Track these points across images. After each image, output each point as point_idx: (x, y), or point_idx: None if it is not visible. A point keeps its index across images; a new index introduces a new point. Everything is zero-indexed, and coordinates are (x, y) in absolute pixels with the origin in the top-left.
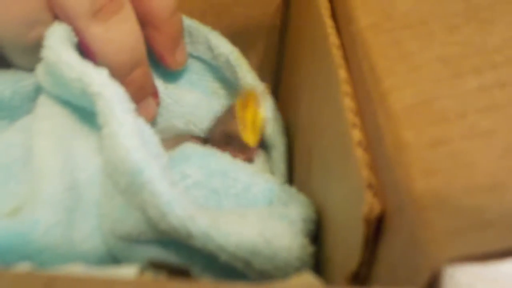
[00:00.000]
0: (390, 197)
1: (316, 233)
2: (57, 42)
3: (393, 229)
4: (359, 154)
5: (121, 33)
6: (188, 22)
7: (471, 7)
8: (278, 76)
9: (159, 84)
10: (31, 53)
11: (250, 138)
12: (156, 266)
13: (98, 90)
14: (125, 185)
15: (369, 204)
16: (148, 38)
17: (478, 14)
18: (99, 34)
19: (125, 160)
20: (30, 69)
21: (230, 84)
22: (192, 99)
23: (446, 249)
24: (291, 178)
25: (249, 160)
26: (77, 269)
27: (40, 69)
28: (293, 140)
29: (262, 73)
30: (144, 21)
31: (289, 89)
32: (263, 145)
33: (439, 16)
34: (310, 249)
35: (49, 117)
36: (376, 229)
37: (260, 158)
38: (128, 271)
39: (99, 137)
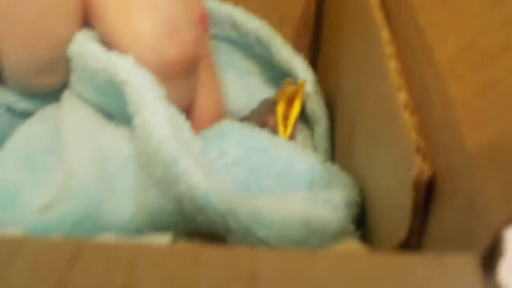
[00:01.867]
0: (440, 160)
1: (361, 215)
2: (84, 37)
3: (445, 194)
4: (406, 116)
5: (177, 100)
6: (207, 3)
7: None
8: (316, 45)
9: None
10: (31, 90)
11: (284, 133)
12: (190, 234)
13: (125, 77)
14: (160, 176)
15: (419, 167)
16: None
17: None
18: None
19: (158, 151)
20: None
21: (263, 60)
22: (229, 89)
23: (506, 210)
24: (333, 151)
25: (291, 137)
26: (109, 237)
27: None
28: (334, 112)
29: (299, 43)
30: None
31: (328, 57)
32: (306, 119)
33: None
34: (356, 234)
35: (75, 109)
36: (426, 195)
37: (302, 133)
38: (161, 239)
39: (127, 127)
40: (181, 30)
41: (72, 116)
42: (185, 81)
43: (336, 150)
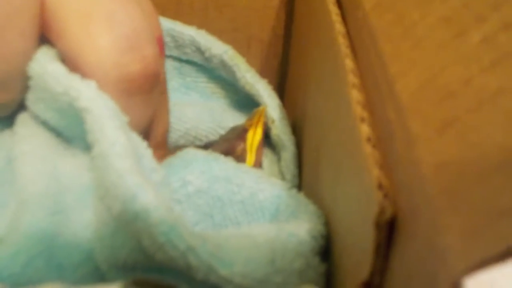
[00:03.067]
0: (402, 199)
1: (327, 245)
2: (45, 56)
3: (407, 234)
4: (368, 151)
5: (139, 116)
6: (170, 25)
7: None
8: (284, 70)
9: None
10: None
11: (250, 160)
12: (141, 283)
13: (86, 105)
14: (118, 211)
15: (380, 206)
16: None
17: None
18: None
19: (117, 185)
20: None
21: (228, 83)
22: (194, 113)
23: (466, 257)
24: (300, 176)
25: (256, 163)
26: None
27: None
28: (300, 138)
29: (267, 67)
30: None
31: (295, 83)
32: (271, 145)
33: None
34: (322, 268)
35: (30, 137)
36: (389, 234)
37: (268, 159)
38: None
39: (86, 156)
40: (142, 45)
41: (27, 144)
42: (147, 95)
43: (303, 176)
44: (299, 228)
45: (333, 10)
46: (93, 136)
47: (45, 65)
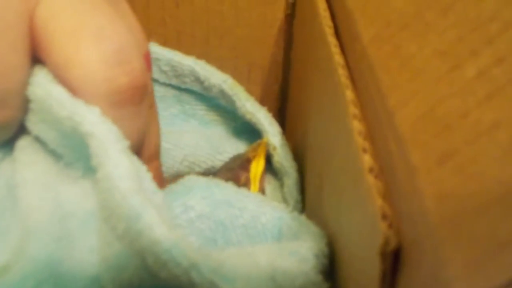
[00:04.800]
0: (406, 229)
1: (331, 266)
2: (46, 79)
3: (411, 263)
4: (371, 181)
5: (130, 127)
6: (170, 55)
7: None
8: (284, 95)
9: None
10: None
11: (254, 190)
12: None
13: (90, 129)
14: (122, 231)
15: (385, 236)
16: None
17: None
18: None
19: (121, 205)
20: None
21: (227, 110)
22: (191, 139)
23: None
24: (302, 202)
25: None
26: None
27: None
28: (302, 163)
29: (268, 92)
30: None
31: (296, 109)
32: (274, 171)
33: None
34: (324, 286)
35: (31, 164)
36: (394, 262)
37: (271, 185)
38: None
39: (87, 181)
40: (129, 59)
41: (28, 171)
42: (137, 107)
43: (306, 201)
44: (300, 247)
45: (332, 41)
46: (97, 159)
47: (49, 88)
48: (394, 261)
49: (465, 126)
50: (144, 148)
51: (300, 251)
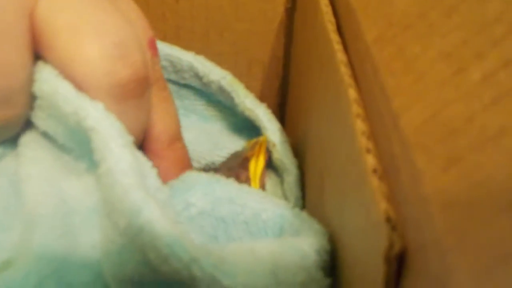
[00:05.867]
0: (410, 233)
1: (332, 263)
2: (52, 75)
3: (416, 269)
4: (375, 183)
5: (133, 120)
6: (169, 50)
7: None
8: (285, 90)
9: None
10: None
11: (255, 187)
12: None
13: (93, 124)
14: (124, 226)
15: (389, 240)
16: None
17: None
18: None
19: (122, 200)
20: None
21: (227, 105)
22: (191, 135)
23: None
24: (303, 199)
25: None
26: None
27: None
28: (303, 160)
29: (268, 88)
30: (145, 149)
31: (296, 105)
32: (274, 168)
33: (435, 0)
34: (325, 282)
35: (35, 160)
36: (398, 267)
37: (271, 181)
38: None
39: (92, 176)
40: (130, 52)
41: (33, 166)
42: (138, 100)
43: (307, 198)
44: (302, 243)
45: (334, 38)
46: (99, 154)
47: (55, 85)
48: (398, 265)
49: (470, 131)
50: (163, 132)
51: (302, 247)
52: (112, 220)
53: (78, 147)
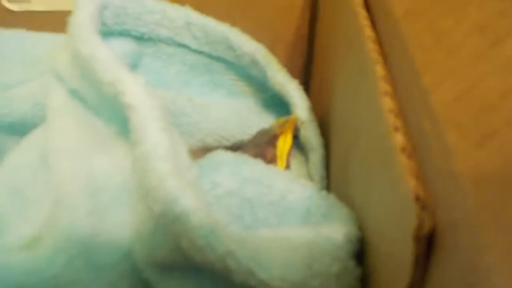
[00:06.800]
0: (440, 212)
1: (360, 249)
2: (90, 33)
3: (446, 249)
4: (404, 161)
5: None
6: (203, 21)
7: None
8: (309, 69)
9: (183, 99)
10: None
11: (281, 166)
12: None
13: (133, 102)
14: (159, 212)
15: (419, 219)
16: None
17: None
18: None
19: (158, 187)
20: None
21: (257, 81)
22: (221, 113)
23: (509, 276)
24: (327, 178)
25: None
26: None
27: (64, 60)
28: (327, 139)
29: (291, 66)
30: None
31: (320, 84)
32: (299, 145)
33: None
34: (357, 271)
35: (64, 131)
36: (428, 247)
37: (296, 159)
38: None
39: (122, 146)
40: None
41: (62, 139)
42: None
43: (331, 177)
44: (335, 232)
45: (361, 13)
46: (136, 136)
47: (94, 49)
48: (427, 245)
49: (506, 105)
50: None
51: (335, 237)
52: (146, 204)
53: (110, 111)
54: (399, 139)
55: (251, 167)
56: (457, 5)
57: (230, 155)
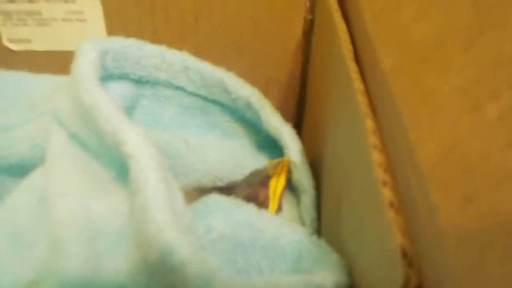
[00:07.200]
0: (426, 268)
1: None
2: (92, 82)
3: None
4: (391, 216)
5: None
6: (200, 65)
7: (480, 12)
8: (301, 110)
9: (179, 140)
10: None
11: (273, 207)
12: None
13: (133, 152)
14: (155, 262)
15: (406, 276)
16: None
17: (489, 19)
18: None
19: (156, 237)
20: None
21: (251, 123)
22: (216, 154)
23: None
24: (318, 220)
25: (278, 209)
26: None
27: (65, 105)
28: (318, 180)
29: (284, 107)
30: None
31: (312, 126)
32: (291, 188)
33: (452, 33)
34: None
35: (64, 176)
36: None
37: (288, 202)
38: None
39: (120, 191)
40: None
41: (61, 184)
42: None
43: (322, 219)
44: (325, 281)
45: (352, 66)
46: (136, 185)
47: (96, 97)
48: None
49: (486, 170)
50: None
51: (325, 285)
52: (142, 252)
53: (109, 157)
54: (387, 194)
55: (244, 211)
56: (440, 66)
57: (223, 199)
